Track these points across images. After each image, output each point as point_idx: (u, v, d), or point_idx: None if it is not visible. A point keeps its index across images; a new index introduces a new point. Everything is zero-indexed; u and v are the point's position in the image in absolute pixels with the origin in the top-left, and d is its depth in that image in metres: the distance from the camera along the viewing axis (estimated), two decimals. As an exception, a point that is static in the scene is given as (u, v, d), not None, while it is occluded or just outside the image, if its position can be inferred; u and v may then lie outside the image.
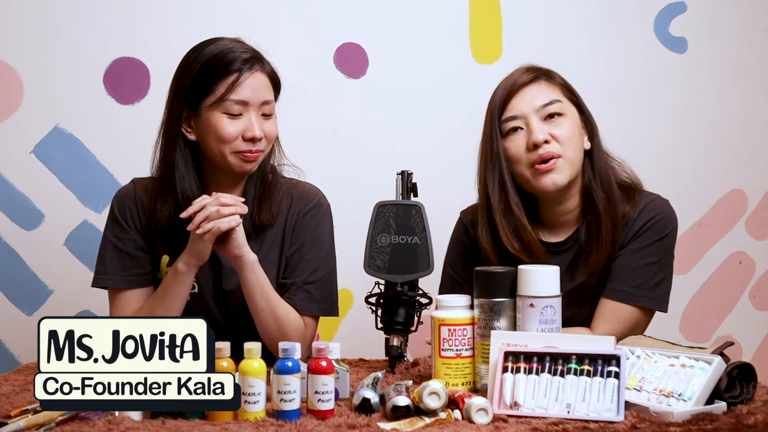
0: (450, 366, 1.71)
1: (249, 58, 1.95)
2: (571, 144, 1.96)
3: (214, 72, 1.92)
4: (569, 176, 1.96)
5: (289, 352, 1.53)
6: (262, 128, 1.94)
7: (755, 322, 2.95)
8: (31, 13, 2.60)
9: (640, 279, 1.98)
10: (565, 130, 1.95)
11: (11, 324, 2.62)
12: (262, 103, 1.95)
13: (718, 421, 1.46)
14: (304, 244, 2.03)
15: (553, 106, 1.96)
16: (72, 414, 1.53)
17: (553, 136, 1.94)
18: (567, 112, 1.98)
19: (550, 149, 1.94)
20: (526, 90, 1.98)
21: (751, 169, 2.94)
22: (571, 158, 1.96)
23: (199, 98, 1.93)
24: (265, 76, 1.98)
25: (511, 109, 1.98)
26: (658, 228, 2.00)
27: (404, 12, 2.76)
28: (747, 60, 2.92)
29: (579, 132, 1.99)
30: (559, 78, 2.03)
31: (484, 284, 1.72)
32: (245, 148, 1.93)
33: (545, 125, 1.95)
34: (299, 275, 2.02)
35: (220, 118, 1.92)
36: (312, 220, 2.05)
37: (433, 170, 2.65)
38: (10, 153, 2.61)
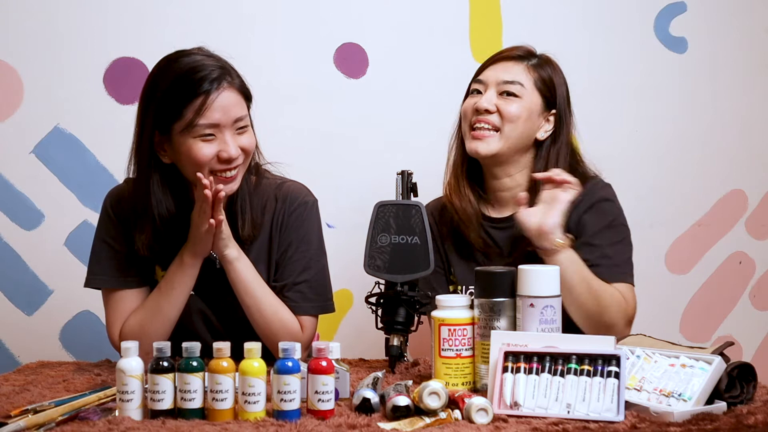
0: (450, 366, 1.71)
1: (216, 77, 1.87)
2: (512, 123, 2.08)
3: (181, 95, 1.85)
4: (496, 150, 2.08)
5: (289, 352, 1.53)
6: (238, 144, 1.89)
7: (755, 322, 2.95)
8: (31, 13, 2.60)
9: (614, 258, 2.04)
10: (512, 109, 2.08)
11: (11, 324, 2.62)
12: (235, 120, 1.89)
13: (718, 421, 1.46)
14: (291, 244, 2.02)
15: (512, 86, 2.10)
16: (72, 414, 1.53)
17: (498, 108, 2.08)
18: (524, 96, 2.09)
19: (489, 118, 2.09)
20: (501, 64, 2.14)
21: (751, 169, 2.93)
22: (508, 135, 2.08)
23: (169, 123, 1.87)
24: (235, 91, 1.90)
25: (482, 75, 2.15)
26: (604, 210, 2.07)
27: (404, 12, 2.76)
28: (747, 60, 2.92)
29: (530, 117, 2.09)
30: (546, 70, 2.13)
31: (484, 284, 1.72)
32: (222, 168, 1.89)
33: (498, 98, 2.10)
34: (290, 276, 2.01)
35: (193, 143, 1.86)
36: (298, 218, 2.03)
37: (433, 170, 2.65)
38: (10, 153, 2.61)
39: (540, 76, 2.12)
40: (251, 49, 2.67)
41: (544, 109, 2.12)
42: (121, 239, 2.01)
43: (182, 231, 1.95)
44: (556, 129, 2.13)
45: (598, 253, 2.03)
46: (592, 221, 2.06)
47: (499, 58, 2.15)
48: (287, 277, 2.01)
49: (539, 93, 2.11)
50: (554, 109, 2.13)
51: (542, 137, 2.12)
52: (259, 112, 2.33)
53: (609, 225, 2.08)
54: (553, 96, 2.13)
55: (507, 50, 2.17)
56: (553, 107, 2.13)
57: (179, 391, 1.53)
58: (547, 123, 2.13)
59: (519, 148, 2.11)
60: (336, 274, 2.30)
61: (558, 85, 2.14)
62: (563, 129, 2.13)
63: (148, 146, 1.92)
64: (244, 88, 1.94)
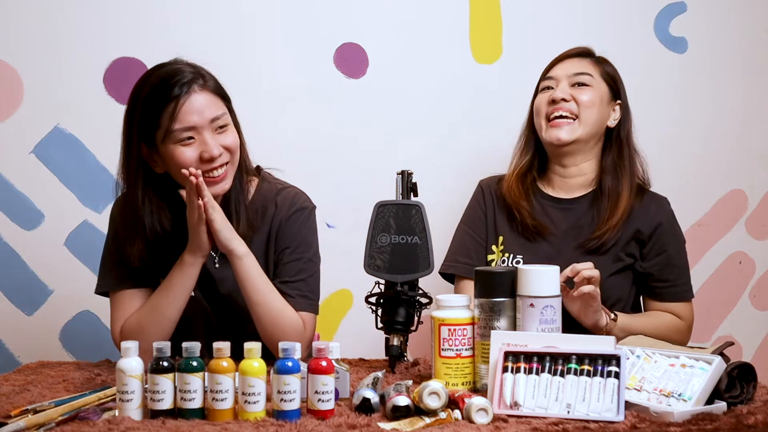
0: (450, 366, 1.71)
1: (186, 81, 1.90)
2: (587, 109, 2.20)
3: (156, 104, 1.89)
4: (577, 136, 2.20)
5: (289, 352, 1.53)
6: (219, 143, 1.92)
7: (755, 322, 2.95)
8: (31, 13, 2.60)
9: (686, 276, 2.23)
10: (586, 96, 2.21)
11: (11, 324, 2.62)
12: (211, 120, 1.91)
13: (718, 421, 1.46)
14: (289, 247, 2.04)
15: (583, 76, 2.24)
16: (72, 414, 1.53)
17: (573, 97, 2.21)
18: (594, 86, 2.23)
19: (567, 106, 2.20)
20: (568, 60, 2.28)
21: (751, 169, 2.93)
22: (585, 121, 2.20)
23: (151, 134, 1.91)
24: (208, 92, 1.93)
25: (551, 72, 2.28)
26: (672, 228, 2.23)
27: (404, 12, 2.76)
28: (747, 60, 2.92)
29: (602, 105, 2.23)
30: (607, 66, 2.30)
31: (484, 284, 1.72)
32: (207, 168, 1.91)
33: (571, 89, 2.22)
34: (288, 274, 2.03)
35: (174, 149, 1.90)
36: (295, 222, 2.05)
37: (433, 170, 2.65)
38: (10, 153, 2.61)
39: (604, 68, 2.28)
40: (251, 49, 2.67)
41: (611, 98, 2.27)
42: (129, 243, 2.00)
43: (177, 245, 1.96)
44: (621, 118, 2.27)
45: (677, 273, 2.20)
46: (667, 242, 2.21)
47: (565, 56, 2.29)
48: (285, 276, 2.03)
49: (605, 83, 2.26)
50: (619, 99, 2.28)
51: (612, 125, 2.26)
52: (259, 112, 2.35)
53: (681, 243, 2.24)
54: (617, 87, 2.28)
55: (571, 49, 2.30)
56: (618, 97, 2.28)
57: (179, 391, 1.53)
58: (614, 112, 2.27)
59: (595, 133, 2.23)
60: (336, 274, 2.31)
61: (619, 79, 2.30)
62: (628, 119, 2.28)
63: (136, 160, 1.94)
64: (220, 90, 1.97)
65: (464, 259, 2.26)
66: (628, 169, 2.23)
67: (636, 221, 2.19)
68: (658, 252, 2.19)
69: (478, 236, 2.28)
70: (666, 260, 2.19)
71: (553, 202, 2.25)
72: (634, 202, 2.20)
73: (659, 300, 2.21)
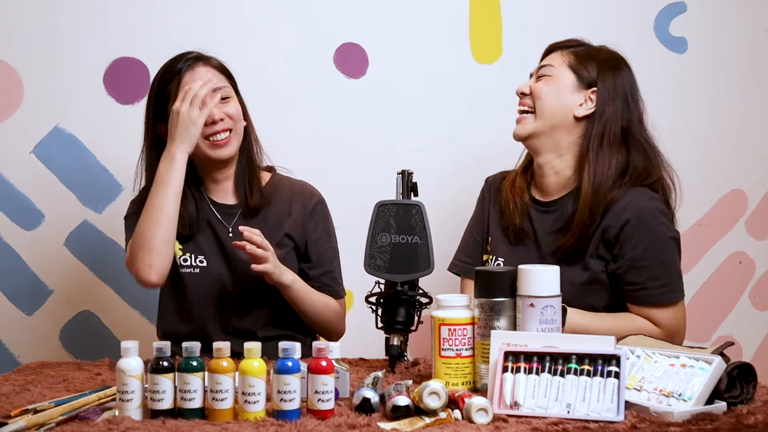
0: (450, 366, 1.71)
1: (190, 58, 2.16)
2: (541, 100, 2.14)
3: (166, 81, 2.14)
4: (531, 129, 2.14)
5: (289, 352, 1.53)
6: (221, 110, 2.12)
7: (755, 322, 2.95)
8: (31, 13, 2.60)
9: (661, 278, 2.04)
10: (541, 86, 2.15)
11: (11, 324, 2.62)
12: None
13: (718, 421, 1.46)
14: (321, 236, 2.24)
15: (544, 69, 2.17)
16: (72, 414, 1.53)
17: (531, 89, 2.16)
18: (556, 75, 2.15)
19: (525, 100, 2.17)
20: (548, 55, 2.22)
21: (751, 169, 2.93)
22: (540, 112, 2.13)
23: (164, 108, 2.13)
24: (211, 67, 2.17)
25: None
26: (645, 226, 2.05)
27: (404, 12, 2.76)
28: (747, 60, 2.92)
29: (559, 93, 2.13)
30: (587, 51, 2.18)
31: (484, 284, 1.72)
32: (211, 131, 2.11)
33: (533, 82, 2.17)
34: (324, 264, 2.24)
35: None
36: (320, 213, 2.25)
37: (433, 170, 2.65)
38: (10, 153, 2.61)
39: (576, 56, 2.16)
40: (251, 49, 2.68)
41: (580, 86, 2.13)
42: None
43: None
44: (597, 107, 2.12)
45: (646, 274, 2.04)
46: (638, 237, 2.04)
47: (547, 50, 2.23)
48: (323, 266, 2.24)
49: (570, 70, 2.15)
50: (594, 87, 2.13)
51: (581, 114, 2.12)
52: (259, 112, 2.34)
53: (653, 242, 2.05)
54: (590, 72, 2.14)
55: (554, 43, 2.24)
56: (593, 85, 2.13)
57: (179, 390, 1.53)
58: (588, 101, 2.13)
59: (556, 124, 2.13)
60: (336, 274, 2.32)
61: (603, 67, 2.14)
62: (607, 107, 2.11)
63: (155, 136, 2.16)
64: (224, 68, 2.20)
65: (466, 259, 2.28)
66: (592, 164, 2.07)
67: (607, 219, 2.05)
68: (624, 252, 2.04)
69: (479, 235, 2.28)
70: (631, 262, 2.03)
71: (536, 205, 2.18)
72: (611, 199, 2.05)
73: (633, 304, 2.05)
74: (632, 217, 2.04)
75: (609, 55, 2.20)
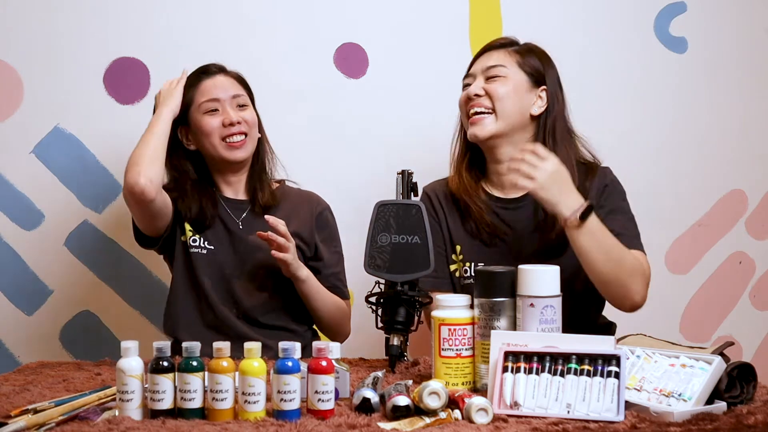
0: (450, 366, 1.71)
1: (209, 67, 2.33)
2: (502, 102, 2.15)
3: (188, 87, 2.31)
4: (494, 130, 2.15)
5: (289, 352, 1.53)
6: (238, 115, 2.27)
7: (755, 322, 2.95)
8: (31, 12, 2.60)
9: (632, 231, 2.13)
10: (498, 87, 2.16)
11: (11, 324, 2.62)
12: (232, 96, 2.29)
13: (718, 421, 1.46)
14: (327, 239, 2.35)
15: (496, 69, 2.18)
16: (72, 414, 1.53)
17: (486, 91, 2.16)
18: (509, 76, 2.17)
19: (480, 102, 2.16)
20: (486, 55, 2.23)
21: (751, 169, 2.93)
22: (501, 113, 2.15)
23: (185, 112, 2.29)
24: (230, 77, 2.34)
25: (471, 69, 2.25)
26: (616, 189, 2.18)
27: (404, 12, 2.76)
28: (747, 60, 2.92)
29: (517, 93, 2.16)
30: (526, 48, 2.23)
31: (484, 284, 1.72)
32: (228, 133, 2.25)
33: (485, 84, 2.18)
34: (332, 266, 2.34)
35: (201, 118, 2.28)
36: (327, 219, 2.37)
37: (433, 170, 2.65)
38: (10, 153, 2.61)
39: (522, 56, 2.20)
40: (251, 49, 2.67)
41: (532, 86, 2.18)
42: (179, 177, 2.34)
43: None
44: (549, 105, 2.18)
45: (619, 224, 2.09)
46: (611, 198, 2.15)
47: (482, 51, 2.25)
48: (331, 267, 2.34)
49: (523, 71, 2.18)
50: (543, 85, 2.19)
51: (537, 112, 2.18)
52: (259, 111, 2.35)
53: (624, 200, 2.18)
54: (539, 73, 2.20)
55: (489, 43, 2.26)
56: (542, 84, 2.19)
57: (179, 390, 1.53)
58: (540, 99, 2.18)
59: (515, 125, 2.17)
60: (336, 274, 2.33)
61: (544, 64, 2.21)
62: (557, 102, 2.19)
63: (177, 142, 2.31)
64: (243, 80, 2.36)
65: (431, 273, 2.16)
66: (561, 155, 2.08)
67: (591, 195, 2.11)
68: (604, 205, 2.12)
69: (438, 246, 2.19)
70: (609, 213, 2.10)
71: (500, 203, 2.19)
72: (583, 184, 2.11)
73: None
74: (609, 182, 2.17)
75: (541, 50, 2.24)
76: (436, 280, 2.15)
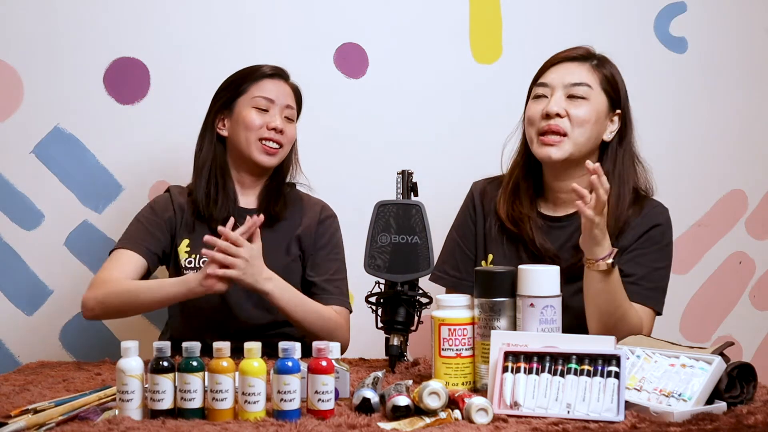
0: (450, 366, 1.71)
1: (276, 70, 2.31)
2: (581, 127, 2.04)
3: (248, 78, 2.28)
4: (567, 154, 2.04)
5: (289, 352, 1.53)
6: (284, 126, 2.25)
7: (755, 322, 2.95)
8: (31, 13, 2.60)
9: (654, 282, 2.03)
10: (581, 113, 2.04)
11: (11, 324, 2.62)
12: (285, 106, 2.28)
13: (718, 421, 1.46)
14: (326, 246, 2.29)
15: (580, 88, 2.05)
16: (72, 414, 1.53)
17: (567, 113, 2.04)
18: (591, 98, 2.06)
19: (559, 123, 2.03)
20: (565, 64, 2.09)
21: (751, 169, 2.93)
22: (576, 140, 2.04)
23: (233, 99, 2.27)
24: (290, 87, 2.33)
25: (546, 77, 2.09)
26: (662, 234, 2.06)
27: (404, 12, 2.76)
28: (747, 60, 2.92)
29: (598, 120, 2.06)
30: (608, 69, 2.11)
31: (484, 284, 1.72)
32: (267, 136, 2.24)
33: (566, 101, 2.05)
34: (327, 272, 2.26)
35: (249, 111, 2.25)
36: (330, 226, 2.32)
37: (433, 170, 2.65)
38: (10, 153, 2.61)
39: (604, 75, 2.09)
40: (251, 49, 2.67)
41: (609, 109, 2.08)
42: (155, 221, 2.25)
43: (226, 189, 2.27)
44: (621, 129, 2.09)
45: (641, 273, 2.01)
46: (649, 242, 2.04)
47: (561, 59, 2.09)
48: (326, 273, 2.26)
49: (605, 93, 2.08)
50: (619, 108, 2.09)
51: (608, 138, 2.08)
52: (259, 112, 2.35)
53: (659, 249, 2.05)
54: (618, 95, 2.10)
55: (568, 51, 2.11)
56: (618, 107, 2.09)
57: (179, 391, 1.53)
58: (611, 123, 2.09)
59: (588, 150, 2.06)
60: (335, 274, 2.33)
61: (620, 83, 2.11)
62: (629, 129, 2.10)
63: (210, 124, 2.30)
64: (298, 92, 2.36)
65: (453, 272, 2.17)
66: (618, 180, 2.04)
67: (630, 233, 2.03)
68: (635, 248, 2.03)
69: (467, 248, 2.18)
70: (638, 256, 2.02)
71: (547, 221, 2.10)
72: (629, 215, 2.04)
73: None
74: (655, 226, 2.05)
75: (616, 68, 2.13)
76: (458, 281, 2.13)
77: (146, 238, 2.22)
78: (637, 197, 2.08)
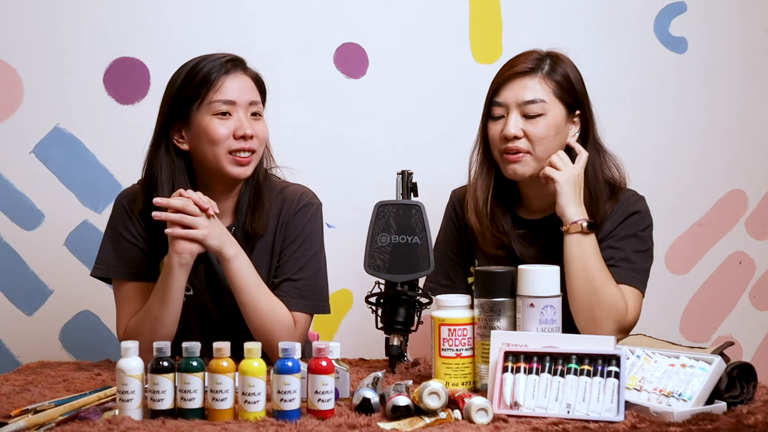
0: (450, 366, 1.71)
1: (230, 61, 2.01)
2: (541, 143, 2.03)
3: (199, 79, 1.97)
4: (533, 170, 2.05)
5: (289, 352, 1.53)
6: (252, 128, 1.98)
7: (755, 322, 2.95)
8: (31, 12, 2.60)
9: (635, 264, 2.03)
10: (539, 130, 2.03)
11: (11, 324, 2.62)
12: (249, 103, 2.00)
13: (718, 421, 1.46)
14: (294, 242, 2.05)
15: (535, 105, 2.03)
16: (72, 414, 1.53)
17: (525, 132, 2.03)
18: (548, 112, 2.04)
19: (518, 144, 2.03)
20: (517, 80, 2.05)
21: (751, 169, 2.93)
22: (539, 156, 2.04)
23: (187, 106, 1.98)
24: (249, 78, 2.04)
25: (500, 96, 2.07)
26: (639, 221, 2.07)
27: (404, 12, 2.76)
28: (747, 60, 2.92)
29: (558, 131, 2.05)
30: (559, 73, 2.07)
31: (484, 284, 1.72)
32: (237, 147, 1.97)
33: (522, 121, 2.03)
34: (288, 272, 2.04)
35: (210, 120, 1.96)
36: (302, 218, 2.07)
37: (433, 170, 2.65)
38: (10, 153, 2.61)
39: (557, 83, 2.05)
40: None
41: (568, 115, 2.07)
42: (132, 232, 2.06)
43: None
44: (583, 128, 2.09)
45: (620, 256, 2.02)
46: (629, 226, 2.05)
47: (512, 75, 2.05)
48: (285, 273, 2.04)
49: (561, 102, 2.05)
50: (578, 109, 2.08)
51: (572, 141, 2.08)
52: (259, 111, 2.34)
53: (636, 234, 2.05)
54: (574, 97, 2.07)
55: (517, 64, 2.06)
56: (577, 108, 2.08)
57: (179, 391, 1.53)
58: (573, 125, 2.09)
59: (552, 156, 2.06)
60: (336, 274, 2.30)
61: (575, 82, 2.08)
62: (591, 125, 2.10)
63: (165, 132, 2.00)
64: (259, 80, 2.07)
65: (445, 281, 2.16)
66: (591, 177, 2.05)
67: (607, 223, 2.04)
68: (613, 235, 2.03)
69: (455, 256, 2.18)
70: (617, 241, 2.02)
71: (525, 225, 2.11)
72: (606, 207, 2.05)
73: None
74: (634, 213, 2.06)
75: (570, 64, 2.10)
76: (452, 290, 2.11)
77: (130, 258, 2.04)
78: (612, 191, 2.09)
